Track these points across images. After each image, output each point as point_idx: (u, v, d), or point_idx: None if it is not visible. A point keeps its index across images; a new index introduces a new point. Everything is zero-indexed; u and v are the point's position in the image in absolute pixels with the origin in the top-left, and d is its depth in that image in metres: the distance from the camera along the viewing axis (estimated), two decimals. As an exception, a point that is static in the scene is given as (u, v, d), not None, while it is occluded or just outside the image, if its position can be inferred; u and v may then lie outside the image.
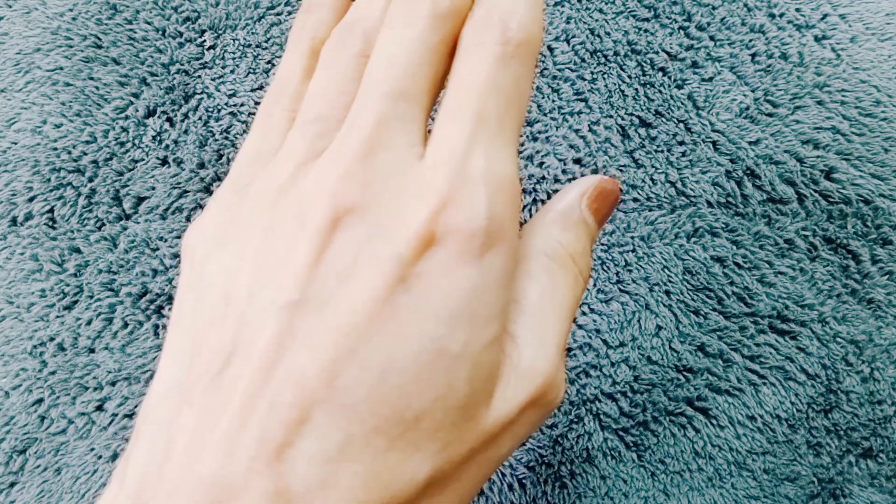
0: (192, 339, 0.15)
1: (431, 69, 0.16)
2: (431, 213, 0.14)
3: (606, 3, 0.31)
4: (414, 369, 0.14)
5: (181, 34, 0.31)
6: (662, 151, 0.29)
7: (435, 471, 0.14)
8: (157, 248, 0.29)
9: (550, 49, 0.31)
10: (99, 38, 0.31)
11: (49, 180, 0.29)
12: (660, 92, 0.30)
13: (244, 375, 0.13)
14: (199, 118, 0.30)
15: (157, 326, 0.28)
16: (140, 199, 0.29)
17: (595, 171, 0.29)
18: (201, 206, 0.29)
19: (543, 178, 0.29)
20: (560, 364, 0.16)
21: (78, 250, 0.29)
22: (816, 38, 0.30)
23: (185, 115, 0.30)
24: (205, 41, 0.31)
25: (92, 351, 0.28)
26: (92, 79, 0.31)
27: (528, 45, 0.16)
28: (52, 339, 0.28)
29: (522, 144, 0.30)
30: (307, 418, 0.13)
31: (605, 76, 0.30)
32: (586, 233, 0.18)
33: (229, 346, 0.14)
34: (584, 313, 0.28)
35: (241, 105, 0.30)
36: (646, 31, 0.31)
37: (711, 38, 0.30)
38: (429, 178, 0.15)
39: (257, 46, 0.31)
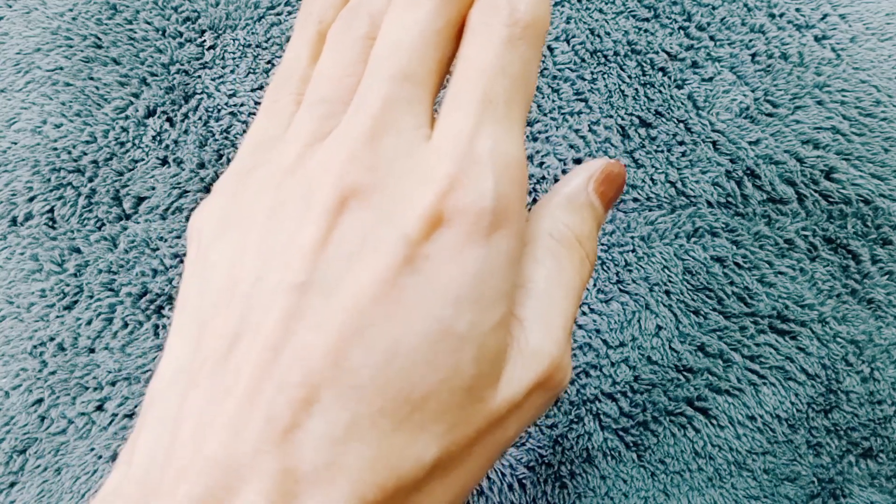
0: (198, 322, 0.15)
1: (437, 52, 0.16)
2: (438, 195, 0.14)
3: (606, 3, 0.31)
4: (420, 350, 0.14)
5: (181, 34, 0.31)
6: (662, 151, 0.29)
7: (441, 452, 0.14)
8: (157, 248, 0.29)
9: (550, 49, 0.31)
10: (99, 38, 0.31)
11: (49, 180, 0.29)
12: (660, 92, 0.30)
13: (251, 357, 0.13)
14: (199, 118, 0.30)
15: (157, 326, 0.28)
16: (140, 199, 0.29)
17: (595, 171, 0.29)
18: (201, 206, 0.29)
19: (543, 178, 0.29)
20: (567, 346, 0.16)
21: (78, 250, 0.29)
22: (816, 38, 0.30)
23: (185, 115, 0.30)
24: (205, 41, 0.31)
25: (92, 351, 0.28)
26: (92, 79, 0.31)
27: (535, 27, 0.16)
28: (52, 339, 0.28)
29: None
30: (314, 399, 0.13)
31: (605, 76, 0.30)
32: (593, 216, 0.18)
33: (236, 328, 0.14)
34: (584, 313, 0.28)
35: (241, 105, 0.30)
36: (646, 31, 0.31)
37: (711, 38, 0.30)
38: (435, 160, 0.15)
39: (257, 46, 0.31)
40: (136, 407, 0.28)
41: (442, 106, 0.16)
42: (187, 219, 0.29)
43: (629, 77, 0.30)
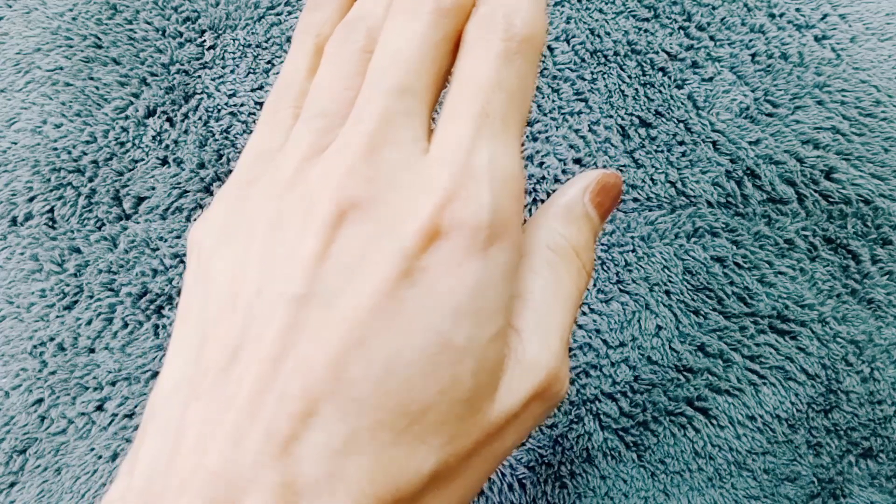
0: (199, 333, 0.15)
1: (435, 65, 0.16)
2: (436, 208, 0.14)
3: (606, 3, 0.31)
4: (419, 363, 0.14)
5: (181, 34, 0.31)
6: (662, 151, 0.29)
7: (440, 464, 0.14)
8: (157, 248, 0.29)
9: (550, 49, 0.31)
10: (99, 38, 0.31)
11: (49, 180, 0.29)
12: (660, 92, 0.30)
13: (252, 369, 0.14)
14: (199, 118, 0.30)
15: (157, 326, 0.28)
16: (140, 199, 0.29)
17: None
18: (201, 206, 0.29)
19: (543, 178, 0.29)
20: (564, 357, 0.16)
21: (78, 250, 0.29)
22: (816, 38, 0.30)
23: (185, 115, 0.30)
24: (205, 41, 0.31)
25: (92, 351, 0.28)
26: (92, 79, 0.31)
27: (531, 42, 0.16)
28: (52, 339, 0.28)
29: (522, 144, 0.30)
30: (314, 411, 0.13)
31: (605, 76, 0.30)
32: (589, 226, 0.18)
33: (237, 340, 0.14)
34: (584, 313, 0.28)
35: (241, 105, 0.30)
36: (646, 31, 0.31)
37: (711, 38, 0.30)
38: (433, 174, 0.15)
39: (257, 46, 0.31)
40: (136, 407, 0.28)
41: (439, 119, 0.16)
42: (187, 219, 0.29)
43: (629, 77, 0.30)
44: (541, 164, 0.30)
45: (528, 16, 0.16)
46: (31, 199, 0.29)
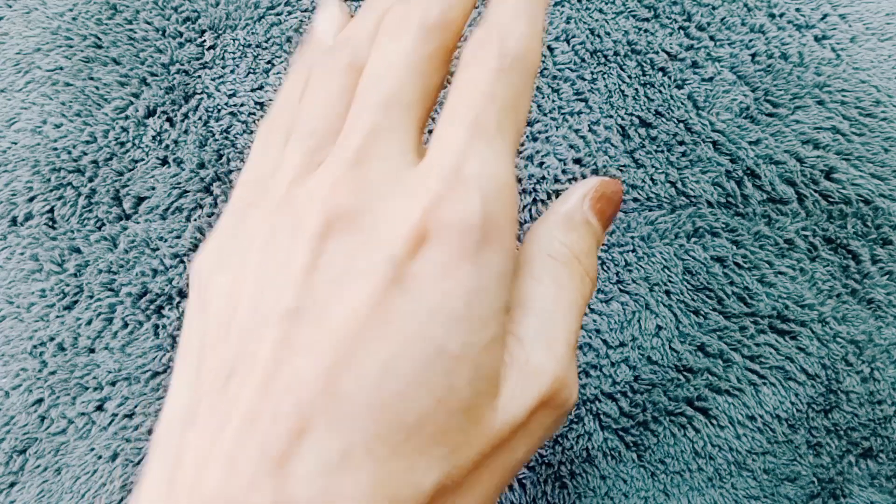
0: (198, 358, 0.15)
1: (423, 79, 0.16)
2: (424, 211, 0.14)
3: (606, 3, 0.31)
4: (413, 372, 0.13)
5: (181, 34, 0.31)
6: (662, 151, 0.29)
7: (443, 477, 0.14)
8: (157, 248, 0.29)
9: (550, 49, 0.31)
10: (99, 38, 0.31)
11: (49, 180, 0.29)
12: (660, 92, 0.30)
13: (246, 388, 0.13)
14: (199, 118, 0.30)
15: (157, 326, 0.28)
16: (140, 199, 0.29)
17: (595, 172, 0.30)
18: (201, 206, 0.29)
19: (543, 178, 0.29)
20: (571, 363, 0.16)
21: (78, 250, 0.29)
22: (816, 38, 0.30)
23: (185, 115, 0.30)
24: (205, 41, 0.31)
25: (92, 351, 0.28)
26: (92, 79, 0.31)
27: (525, 61, 0.16)
28: (52, 339, 0.28)
29: (522, 144, 0.30)
30: (307, 428, 0.13)
31: (605, 76, 0.30)
32: (590, 233, 0.18)
33: (232, 361, 0.14)
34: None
35: (241, 105, 0.30)
36: (646, 31, 0.31)
37: (711, 38, 0.30)
38: (422, 180, 0.15)
39: (257, 46, 0.31)
40: (136, 407, 0.28)
41: (433, 132, 0.16)
42: (187, 219, 0.29)
43: (629, 77, 0.30)
44: (541, 164, 0.30)
45: (522, 36, 0.16)
46: (31, 199, 0.29)
